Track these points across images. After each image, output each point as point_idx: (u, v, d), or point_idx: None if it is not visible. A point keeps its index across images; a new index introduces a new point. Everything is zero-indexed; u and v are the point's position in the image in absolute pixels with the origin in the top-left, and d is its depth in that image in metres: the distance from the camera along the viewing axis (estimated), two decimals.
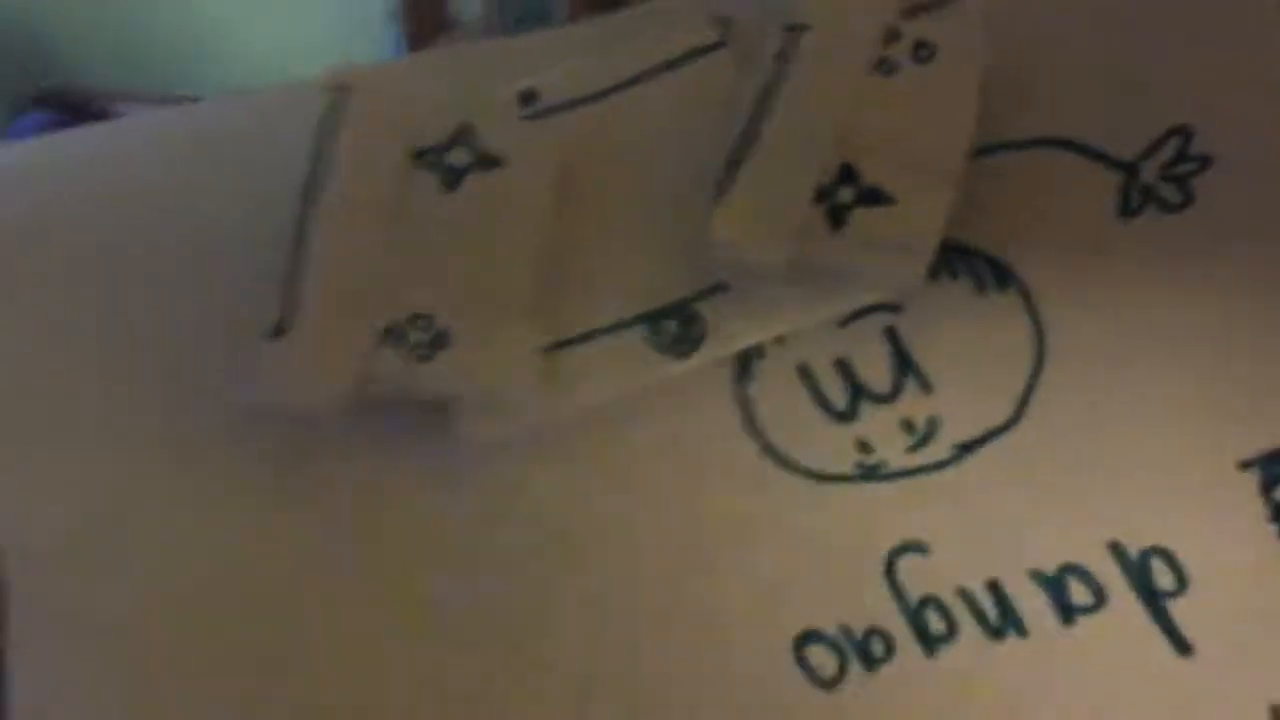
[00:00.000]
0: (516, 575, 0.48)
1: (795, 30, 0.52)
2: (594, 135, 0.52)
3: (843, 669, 0.45)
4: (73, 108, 0.82)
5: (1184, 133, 0.50)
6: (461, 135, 0.51)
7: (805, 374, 0.49)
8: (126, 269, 0.52)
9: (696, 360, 0.49)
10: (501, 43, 0.57)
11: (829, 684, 0.45)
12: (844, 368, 0.49)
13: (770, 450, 0.48)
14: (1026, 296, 0.49)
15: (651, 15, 0.57)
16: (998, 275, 0.50)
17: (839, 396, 0.49)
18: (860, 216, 0.49)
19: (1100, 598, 0.45)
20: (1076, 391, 0.48)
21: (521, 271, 0.49)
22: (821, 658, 0.46)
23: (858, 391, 0.49)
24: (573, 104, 0.53)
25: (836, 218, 0.49)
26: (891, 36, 0.52)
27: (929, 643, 0.46)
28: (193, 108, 0.61)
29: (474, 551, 0.48)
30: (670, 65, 0.54)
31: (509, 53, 0.55)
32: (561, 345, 0.49)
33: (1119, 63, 0.51)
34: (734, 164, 0.49)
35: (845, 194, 0.49)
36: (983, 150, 0.51)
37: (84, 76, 0.92)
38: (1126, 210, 0.50)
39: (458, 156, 0.51)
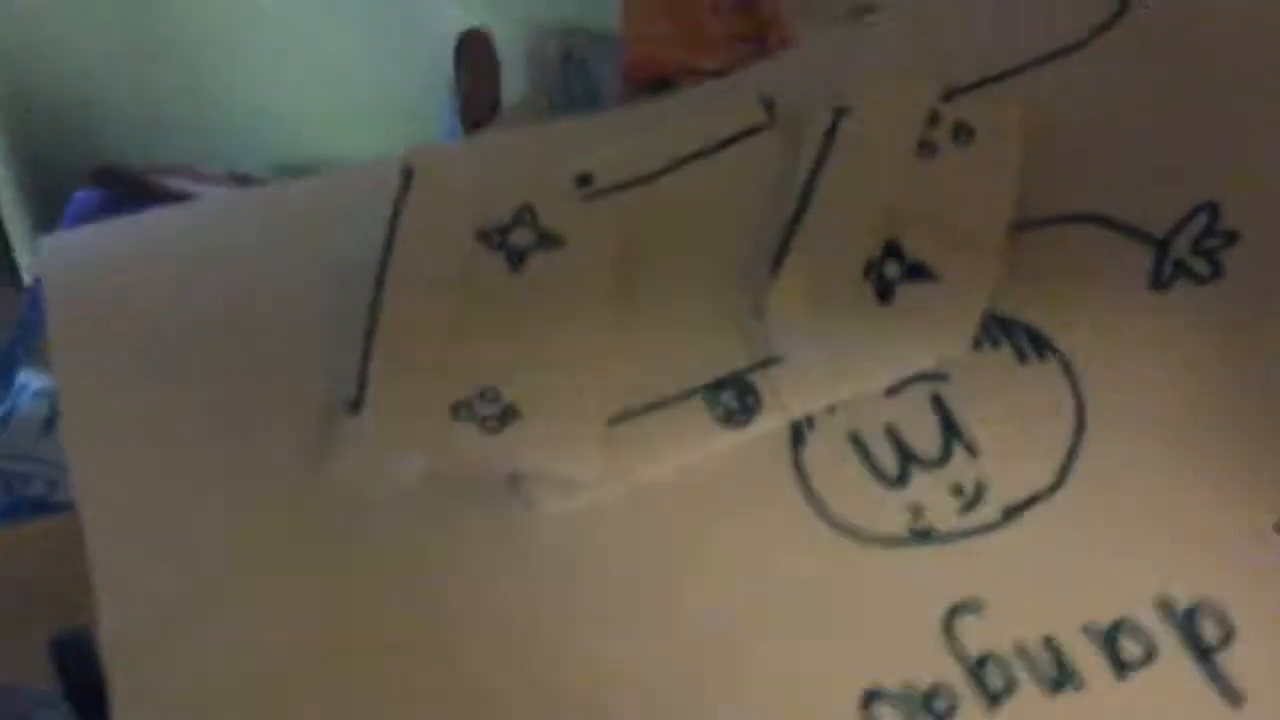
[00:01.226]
0: (577, 641, 0.49)
1: (840, 112, 0.54)
2: (649, 215, 0.55)
3: None
4: (127, 185, 0.84)
5: (1210, 208, 0.52)
6: (523, 215, 0.54)
7: (856, 441, 0.51)
8: (214, 347, 0.54)
9: (753, 430, 0.51)
10: (556, 125, 0.60)
11: None
12: (893, 434, 0.51)
13: (826, 515, 0.50)
14: (1066, 365, 0.51)
15: (699, 97, 0.60)
16: (1037, 345, 0.52)
17: (890, 462, 0.51)
18: (906, 290, 0.51)
19: (1150, 652, 0.47)
20: (1116, 455, 0.50)
21: (584, 346, 0.52)
22: (888, 715, 0.47)
23: (907, 457, 0.51)
24: (626, 185, 0.56)
25: (884, 292, 0.51)
26: (933, 119, 0.54)
27: (990, 697, 0.47)
28: (272, 188, 0.63)
29: (534, 618, 0.50)
30: (719, 147, 0.56)
31: (564, 134, 0.58)
32: (623, 418, 0.51)
33: (1150, 141, 0.54)
34: (785, 241, 0.52)
35: (891, 269, 0.51)
36: (1021, 225, 0.53)
37: (130, 153, 0.93)
38: (1158, 283, 0.52)
39: (520, 236, 0.53)
